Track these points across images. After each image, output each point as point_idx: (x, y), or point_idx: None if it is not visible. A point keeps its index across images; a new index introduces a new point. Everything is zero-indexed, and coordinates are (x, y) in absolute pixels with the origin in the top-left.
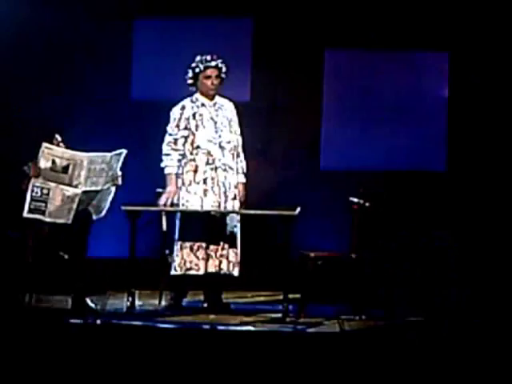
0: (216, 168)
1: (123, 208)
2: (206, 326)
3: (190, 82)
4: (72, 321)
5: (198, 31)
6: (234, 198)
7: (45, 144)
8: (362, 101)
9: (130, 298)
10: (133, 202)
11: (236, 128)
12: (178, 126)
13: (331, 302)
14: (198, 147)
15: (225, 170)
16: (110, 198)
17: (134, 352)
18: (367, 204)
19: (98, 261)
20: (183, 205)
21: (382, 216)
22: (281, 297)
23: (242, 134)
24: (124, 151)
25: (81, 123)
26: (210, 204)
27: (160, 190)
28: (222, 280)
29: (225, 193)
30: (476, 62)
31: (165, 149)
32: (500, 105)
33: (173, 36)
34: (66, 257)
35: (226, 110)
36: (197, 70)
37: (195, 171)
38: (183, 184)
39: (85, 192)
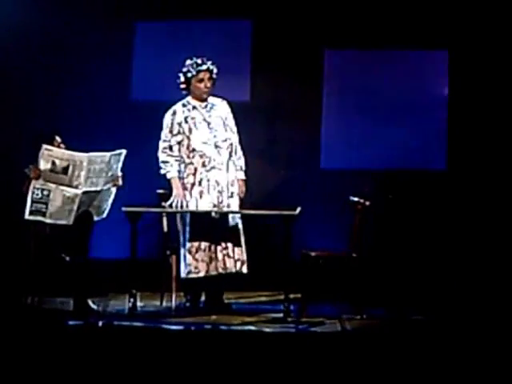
0: (211, 168)
1: (124, 209)
2: (208, 327)
3: (182, 86)
4: (74, 322)
5: (198, 33)
6: (231, 196)
7: (45, 146)
8: (361, 100)
9: (132, 300)
10: (133, 203)
11: (231, 126)
12: (171, 131)
13: (332, 302)
14: (193, 150)
15: (220, 169)
16: (110, 199)
17: (136, 353)
18: (368, 203)
19: (99, 262)
20: (187, 207)
21: (382, 215)
22: (282, 297)
23: (242, 133)
24: (123, 151)
25: (81, 124)
26: (205, 205)
27: (161, 191)
28: (229, 280)
29: (221, 192)
30: (475, 60)
31: (161, 156)
32: (500, 102)
33: (173, 38)
34: (68, 258)
35: (219, 109)
36: (189, 74)
37: (194, 174)
38: (185, 188)
39: (85, 192)
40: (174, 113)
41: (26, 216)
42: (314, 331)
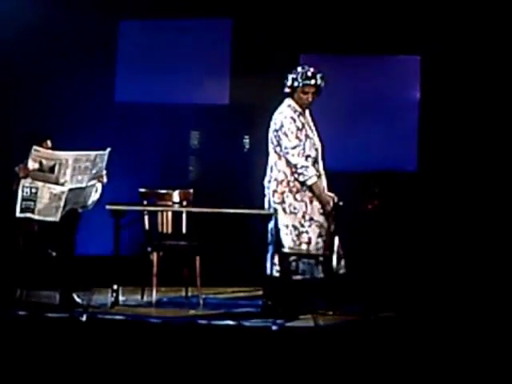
0: (319, 175)
1: (108, 207)
2: (188, 320)
3: (287, 90)
4: (59, 315)
5: (179, 32)
6: None
7: (34, 147)
8: (335, 103)
9: (114, 294)
10: (117, 201)
11: None
12: (297, 137)
13: (307, 298)
14: (308, 156)
15: (321, 176)
16: (97, 195)
17: (118, 345)
18: (341, 203)
19: (84, 258)
20: (291, 212)
21: (356, 215)
22: (260, 292)
23: (222, 138)
24: (107, 150)
25: (66, 126)
26: (315, 210)
27: (143, 189)
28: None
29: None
30: (446, 66)
31: (300, 161)
32: (469, 107)
33: (156, 38)
34: (54, 254)
35: (309, 116)
36: (296, 83)
37: None
38: (290, 191)
39: (71, 190)
40: (294, 120)
41: (17, 214)
42: (289, 326)
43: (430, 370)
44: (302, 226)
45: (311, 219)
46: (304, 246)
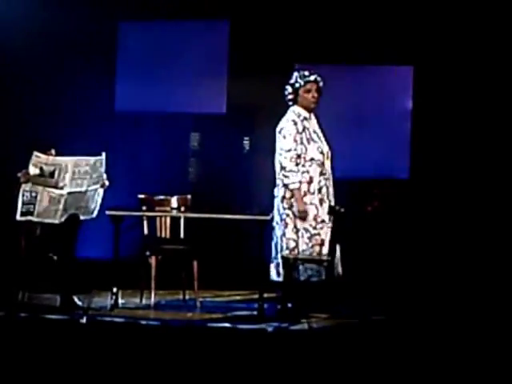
0: (327, 178)
1: (108, 213)
2: (185, 323)
3: (290, 97)
4: (60, 317)
5: (178, 36)
6: None
7: (35, 153)
8: (329, 112)
9: (113, 297)
10: (117, 207)
11: None
12: (295, 140)
13: (307, 301)
14: (311, 159)
15: (330, 178)
16: (99, 199)
17: (117, 346)
18: (342, 210)
19: (84, 262)
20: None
21: (356, 221)
22: (256, 296)
23: (220, 145)
24: (103, 154)
25: (67, 134)
26: (325, 212)
27: (142, 196)
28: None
29: (330, 201)
30: (438, 76)
31: (290, 165)
32: (460, 117)
33: (155, 41)
34: (56, 258)
35: (315, 121)
36: (297, 85)
37: (309, 182)
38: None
39: (70, 193)
40: (295, 123)
41: (18, 217)
42: (284, 329)
43: (422, 372)
44: (314, 228)
45: (323, 221)
46: (317, 248)
